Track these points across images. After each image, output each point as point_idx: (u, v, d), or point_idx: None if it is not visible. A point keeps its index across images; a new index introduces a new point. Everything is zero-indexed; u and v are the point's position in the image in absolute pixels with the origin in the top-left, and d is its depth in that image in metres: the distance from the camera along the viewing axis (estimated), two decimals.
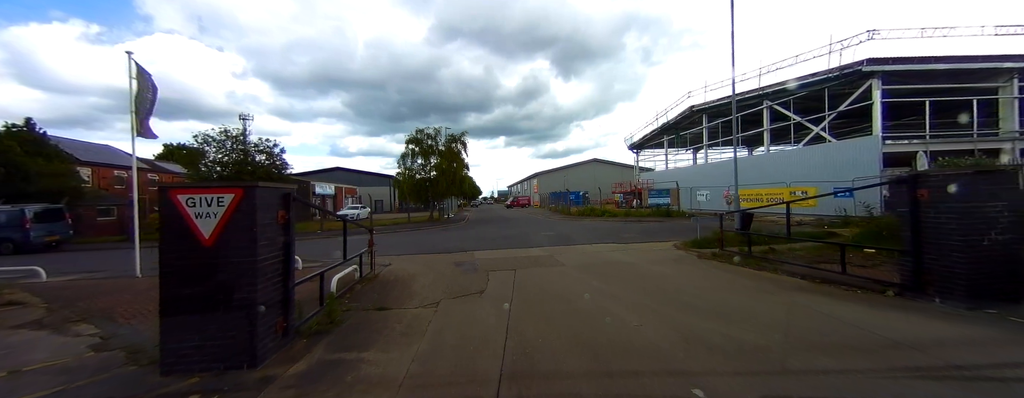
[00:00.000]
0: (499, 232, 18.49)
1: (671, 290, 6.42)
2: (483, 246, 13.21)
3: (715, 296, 5.95)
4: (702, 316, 4.92)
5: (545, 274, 8.03)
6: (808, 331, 4.27)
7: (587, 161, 68.54)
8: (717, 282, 6.96)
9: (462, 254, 11.52)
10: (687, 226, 17.87)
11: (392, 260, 10.71)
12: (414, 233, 19.73)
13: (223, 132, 21.67)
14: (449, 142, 29.83)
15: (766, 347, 3.82)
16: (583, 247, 12.17)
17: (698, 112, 28.14)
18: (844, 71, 17.68)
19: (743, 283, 6.84)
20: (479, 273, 8.36)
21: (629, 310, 5.30)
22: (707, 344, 3.93)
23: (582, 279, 7.40)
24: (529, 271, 8.42)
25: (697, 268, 8.31)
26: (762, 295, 5.98)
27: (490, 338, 4.34)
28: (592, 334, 4.37)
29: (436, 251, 12.49)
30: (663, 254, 10.32)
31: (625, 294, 6.18)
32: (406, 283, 7.62)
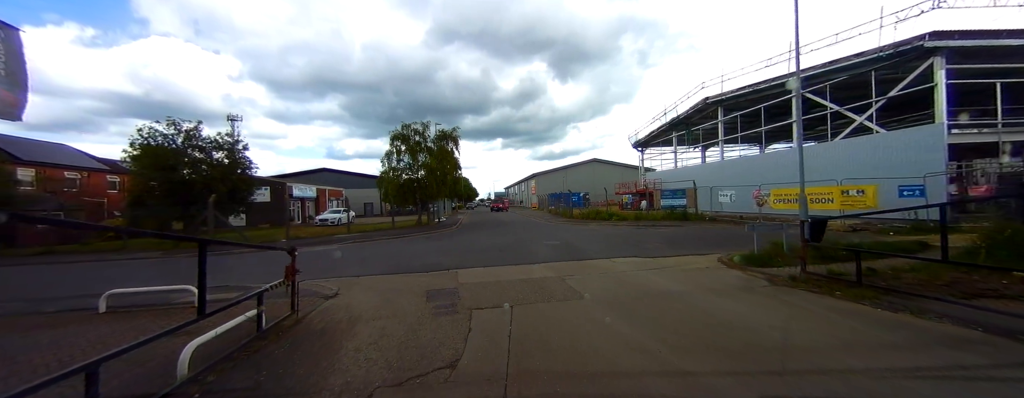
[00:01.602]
0: (493, 240, 15.65)
1: (786, 360, 3.59)
2: (471, 261, 10.37)
3: (878, 379, 3.14)
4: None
5: (557, 317, 5.21)
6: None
7: (587, 161, 65.89)
8: (845, 337, 4.18)
9: (442, 275, 8.67)
10: (715, 232, 15.12)
11: (345, 285, 7.85)
12: (393, 241, 16.86)
13: (172, 124, 18.71)
14: (439, 139, 26.98)
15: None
16: (600, 264, 9.35)
17: (713, 104, 25.49)
18: (900, 48, 15.03)
19: (891, 339, 4.06)
20: (457, 314, 5.53)
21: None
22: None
23: (619, 331, 4.58)
24: (532, 310, 5.60)
25: (787, 305, 5.50)
26: (959, 374, 3.17)
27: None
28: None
29: (410, 269, 9.64)
30: (715, 277, 7.51)
31: (702, 363, 3.36)
32: (338, 339, 4.76)
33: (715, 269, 8.25)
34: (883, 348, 3.90)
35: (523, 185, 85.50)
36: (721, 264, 8.74)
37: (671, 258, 9.82)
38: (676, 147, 32.67)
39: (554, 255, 10.93)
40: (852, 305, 5.32)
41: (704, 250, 10.84)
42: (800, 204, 8.91)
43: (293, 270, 5.60)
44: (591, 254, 10.88)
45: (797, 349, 3.95)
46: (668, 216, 21.07)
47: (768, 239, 9.06)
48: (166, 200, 17.76)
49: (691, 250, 11.00)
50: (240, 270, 10.85)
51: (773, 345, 4.06)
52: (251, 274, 9.81)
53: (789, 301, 5.66)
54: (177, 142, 18.98)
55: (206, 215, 16.47)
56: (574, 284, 7.19)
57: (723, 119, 25.39)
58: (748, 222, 11.88)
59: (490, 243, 14.44)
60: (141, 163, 18.05)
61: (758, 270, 7.78)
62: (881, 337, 4.18)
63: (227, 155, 20.02)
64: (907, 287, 5.85)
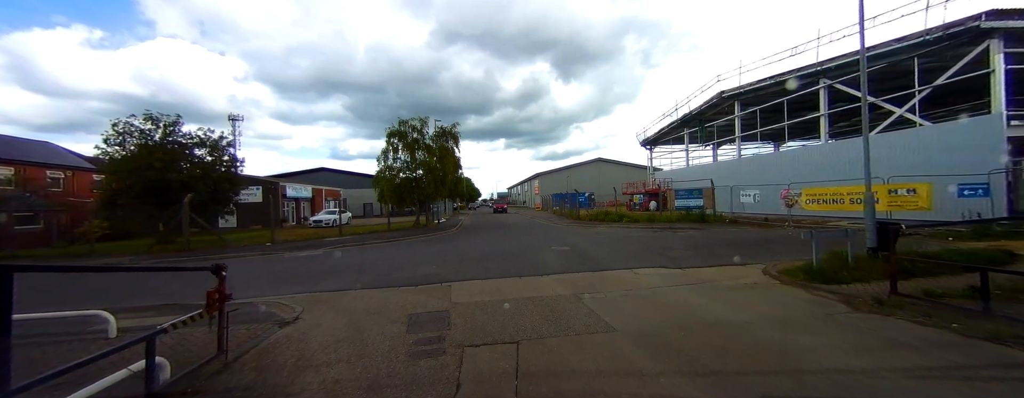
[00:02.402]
0: (495, 245, 14.18)
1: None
2: (469, 271, 8.89)
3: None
4: None
5: (581, 366, 3.73)
6: None
7: (592, 161, 64.33)
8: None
9: (433, 290, 7.19)
10: (742, 236, 13.58)
11: (313, 304, 6.40)
12: (386, 246, 15.42)
13: (149, 119, 17.34)
14: (438, 136, 25.56)
15: None
16: (621, 276, 7.84)
17: (729, 99, 23.91)
18: (951, 30, 13.44)
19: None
20: (444, 356, 4.07)
21: None
22: None
23: (677, 392, 3.08)
24: (545, 350, 4.12)
25: (898, 349, 3.98)
26: None
27: None
28: None
29: (397, 281, 8.18)
30: (775, 299, 5.99)
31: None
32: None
33: (768, 286, 6.72)
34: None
35: (526, 185, 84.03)
36: (771, 279, 7.22)
37: (705, 269, 8.30)
38: (687, 145, 31.06)
39: (565, 264, 9.43)
40: (999, 351, 3.79)
41: (741, 259, 9.32)
42: (866, 205, 7.38)
43: (220, 297, 4.13)
44: (607, 263, 9.38)
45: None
46: (684, 218, 19.52)
47: (826, 248, 7.52)
48: (139, 201, 16.40)
49: (724, 259, 9.47)
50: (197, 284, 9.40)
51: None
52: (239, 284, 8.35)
53: (896, 339, 4.14)
54: (155, 138, 17.64)
55: (181, 217, 15.10)
56: (595, 306, 5.70)
57: (740, 114, 23.79)
58: (784, 225, 10.31)
59: (492, 249, 12.96)
60: (114, 163, 16.74)
61: (824, 288, 6.26)
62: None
63: (209, 152, 18.65)
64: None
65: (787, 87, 20.09)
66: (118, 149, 17.25)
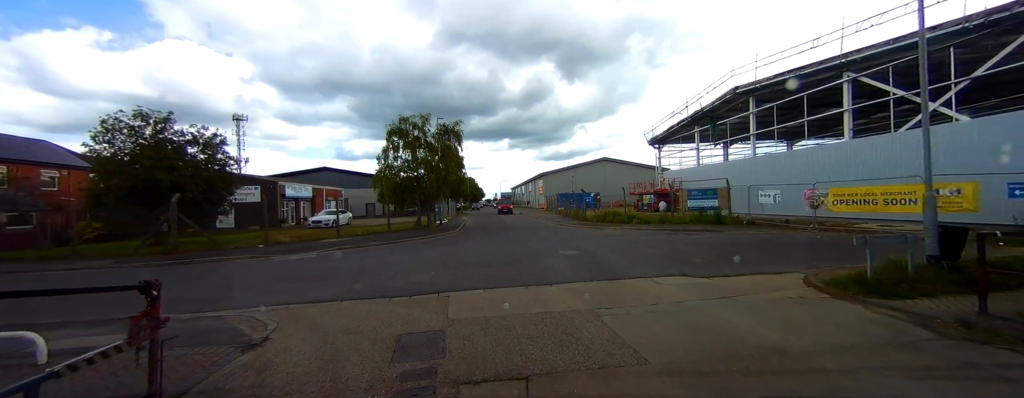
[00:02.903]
0: (498, 248, 13.31)
1: None
2: (470, 279, 8.01)
3: None
4: None
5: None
6: None
7: (597, 160, 63.34)
8: None
9: (428, 302, 6.32)
10: (765, 239, 12.61)
11: (289, 319, 5.54)
12: (383, 248, 14.59)
13: (138, 115, 16.62)
14: (440, 134, 24.70)
15: None
16: (641, 286, 6.92)
17: (744, 94, 22.88)
18: (994, 16, 12.37)
19: None
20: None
21: None
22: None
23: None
24: (563, 387, 3.24)
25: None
26: None
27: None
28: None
29: (389, 290, 7.32)
30: (829, 316, 5.06)
31: None
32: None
33: (816, 301, 5.78)
34: None
35: (530, 185, 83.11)
36: (817, 291, 6.28)
37: (736, 279, 7.37)
38: (698, 143, 30.01)
39: (576, 271, 8.53)
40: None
41: (772, 266, 8.38)
42: (926, 205, 6.40)
43: (151, 323, 3.26)
44: (623, 270, 8.46)
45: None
46: (697, 219, 18.54)
47: (881, 254, 6.55)
48: (127, 201, 15.68)
49: (754, 265, 8.53)
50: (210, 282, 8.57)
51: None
52: (207, 295, 7.52)
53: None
54: (145, 134, 16.93)
55: (169, 217, 14.34)
56: (617, 326, 4.80)
57: (755, 111, 22.74)
58: (808, 228, 9.34)
59: (495, 253, 12.08)
60: (100, 161, 16.06)
61: (886, 304, 5.31)
62: None
63: (202, 150, 17.91)
64: None
65: (807, 81, 19.05)
66: (107, 146, 16.57)
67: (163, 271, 11.20)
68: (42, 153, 28.21)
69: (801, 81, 19.59)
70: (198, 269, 11.41)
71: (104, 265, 12.16)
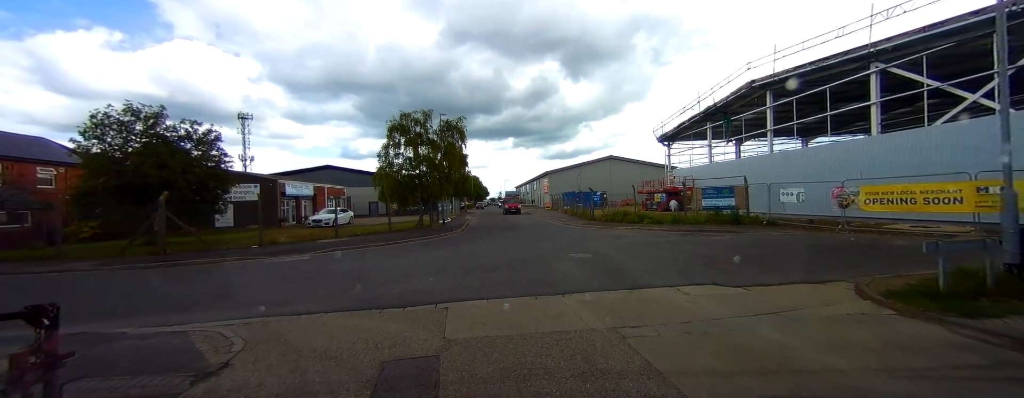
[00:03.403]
0: (503, 250, 12.48)
1: None
2: (472, 286, 7.17)
3: None
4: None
5: None
6: None
7: (603, 158, 62.26)
8: None
9: (423, 315, 5.49)
10: (792, 242, 11.65)
11: (259, 338, 4.74)
12: (381, 250, 13.82)
13: (127, 109, 15.93)
14: (443, 131, 23.87)
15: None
16: (666, 297, 6.04)
17: (760, 88, 21.82)
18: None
19: None
20: None
21: None
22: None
23: None
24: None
25: None
26: None
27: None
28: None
29: (381, 300, 6.50)
30: (909, 341, 4.15)
31: None
32: None
33: (881, 319, 4.87)
34: None
35: (535, 184, 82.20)
36: (876, 305, 5.36)
37: (775, 289, 6.46)
38: (710, 140, 28.92)
39: (589, 278, 7.66)
40: None
41: (812, 273, 7.45)
42: (1006, 205, 5.45)
43: (41, 360, 2.43)
44: (642, 277, 7.58)
45: None
46: (713, 219, 17.57)
47: (953, 262, 5.61)
48: (115, 199, 15.02)
49: (790, 272, 7.61)
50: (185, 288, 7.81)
51: None
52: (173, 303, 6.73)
53: None
54: (135, 130, 16.27)
55: (157, 216, 13.65)
56: (647, 351, 3.93)
57: (772, 105, 21.66)
58: (836, 229, 8.35)
59: (499, 256, 11.23)
60: (87, 158, 15.41)
61: (970, 324, 4.39)
62: None
63: (195, 146, 17.23)
64: None
65: (830, 74, 17.98)
66: (96, 143, 15.92)
67: (144, 274, 10.49)
68: (39, 150, 27.76)
69: (823, 73, 18.54)
70: (181, 272, 10.68)
71: (85, 267, 11.47)
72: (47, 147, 29.32)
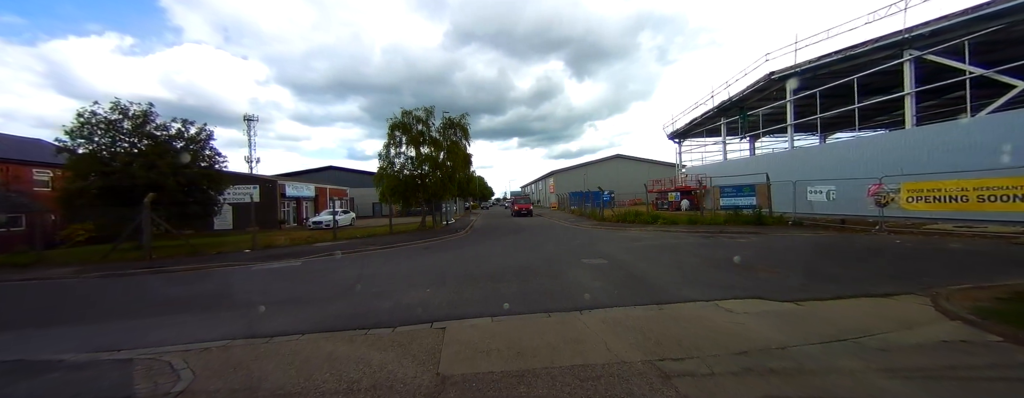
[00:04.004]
0: (509, 255, 11.54)
1: None
2: (473, 300, 6.23)
3: None
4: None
5: None
6: None
7: (610, 157, 61.10)
8: None
9: (412, 339, 4.56)
10: (829, 244, 10.56)
11: (212, 369, 3.80)
12: (378, 255, 12.95)
13: (115, 107, 15.20)
14: (446, 128, 22.96)
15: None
16: (709, 317, 5.04)
17: (780, 80, 20.65)
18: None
19: None
20: None
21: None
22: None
23: None
24: None
25: None
26: None
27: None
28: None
29: (366, 318, 5.59)
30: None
31: None
32: None
33: (989, 347, 3.85)
34: None
35: (540, 183, 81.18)
36: (971, 327, 4.32)
37: (832, 304, 5.44)
38: (725, 137, 27.72)
39: (609, 289, 6.68)
40: None
41: (870, 283, 6.41)
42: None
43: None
44: (670, 288, 6.58)
45: None
46: (733, 219, 16.48)
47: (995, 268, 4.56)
48: (102, 201, 14.31)
49: (845, 283, 6.57)
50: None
51: None
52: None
53: None
54: (123, 129, 15.55)
55: (142, 219, 12.88)
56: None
57: (793, 98, 20.48)
58: (873, 229, 7.32)
59: (505, 261, 10.27)
60: (73, 159, 14.73)
61: None
62: None
63: (186, 146, 16.48)
64: None
65: (858, 63, 16.82)
66: (84, 142, 15.23)
67: (121, 282, 9.69)
68: (37, 152, 27.30)
69: (850, 63, 17.37)
70: (161, 280, 9.86)
71: (61, 274, 10.70)
72: (43, 148, 28.90)
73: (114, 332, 5.65)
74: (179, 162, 15.27)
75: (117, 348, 4.89)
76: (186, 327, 5.70)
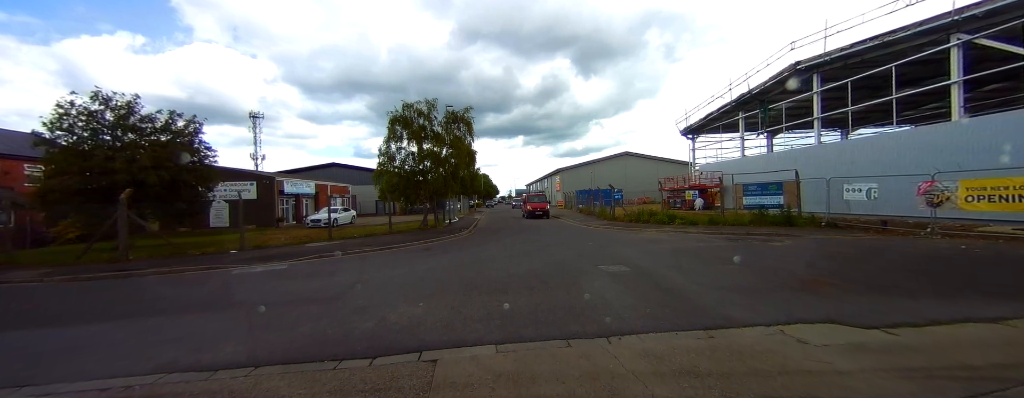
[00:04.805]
0: (516, 261, 10.40)
1: None
2: (473, 319, 5.09)
3: None
4: None
5: None
6: None
7: (618, 155, 59.62)
8: None
9: (394, 379, 3.42)
10: (881, 249, 9.26)
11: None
12: (372, 258, 11.90)
13: (95, 96, 14.22)
14: (448, 122, 21.85)
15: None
16: (782, 354, 3.83)
17: (807, 70, 19.26)
18: None
19: None
20: None
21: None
22: None
23: None
24: None
25: None
26: None
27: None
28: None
29: (339, 346, 4.49)
30: None
31: None
32: None
33: None
34: None
35: (546, 181, 79.83)
36: None
37: (928, 330, 4.23)
38: (743, 132, 26.29)
39: (639, 305, 5.50)
40: None
41: (959, 300, 5.19)
42: None
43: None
44: (714, 306, 5.39)
45: None
46: (758, 220, 15.19)
47: None
48: (79, 197, 13.38)
49: (923, 298, 5.34)
50: None
51: None
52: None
53: None
54: (105, 119, 14.61)
55: (117, 217, 11.91)
56: None
57: (821, 89, 19.07)
58: (924, 232, 5.91)
59: (511, 267, 9.13)
60: (50, 154, 13.82)
61: None
62: None
63: (173, 139, 15.51)
64: None
65: (896, 50, 15.42)
66: (64, 135, 14.30)
67: (77, 289, 8.67)
68: (27, 146, 26.58)
69: (886, 51, 15.98)
70: (124, 287, 8.84)
71: (23, 278, 9.73)
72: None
73: (26, 358, 4.60)
74: (162, 156, 14.28)
75: (33, 381, 3.84)
76: (117, 352, 4.64)
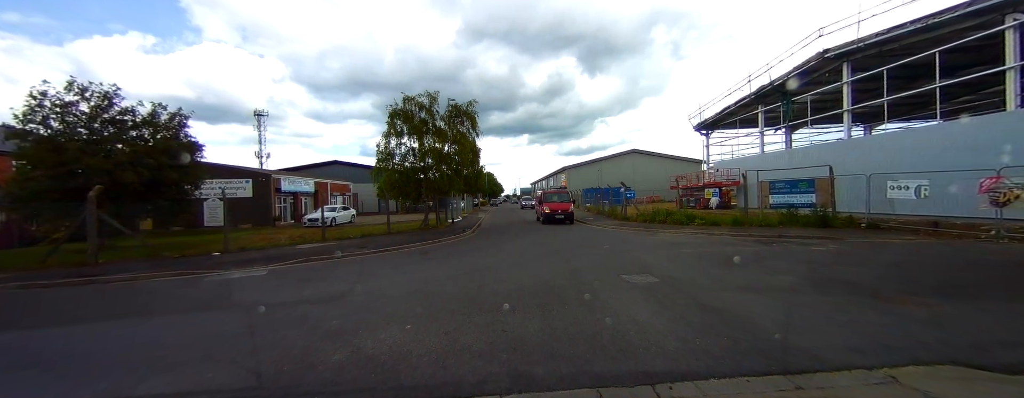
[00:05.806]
0: (524, 268, 9.25)
1: None
2: (472, 353, 3.91)
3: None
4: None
5: None
6: None
7: (626, 152, 58.20)
8: None
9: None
10: (950, 255, 7.94)
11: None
12: (365, 263, 10.80)
13: (70, 86, 13.21)
14: (451, 116, 20.72)
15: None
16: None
17: (836, 59, 17.87)
18: None
19: None
20: None
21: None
22: None
23: None
24: None
25: None
26: None
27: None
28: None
29: (292, 392, 3.31)
30: None
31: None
32: None
33: None
34: None
35: (552, 180, 78.53)
36: None
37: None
38: (762, 127, 24.86)
39: (679, 332, 4.29)
40: None
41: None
42: None
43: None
44: (779, 335, 4.18)
45: None
46: (788, 220, 13.88)
47: None
48: (51, 194, 12.41)
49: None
50: None
51: None
52: None
53: None
54: (80, 111, 13.63)
55: (86, 216, 10.91)
56: None
57: (851, 79, 17.65)
58: (986, 235, 4.68)
59: (518, 276, 7.96)
60: (21, 148, 12.87)
61: None
62: None
63: (155, 132, 14.51)
64: None
65: (939, 34, 14.02)
66: (39, 127, 13.35)
67: (28, 300, 7.65)
68: None
69: (925, 36, 14.61)
70: (80, 296, 7.78)
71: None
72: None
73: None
74: (142, 151, 13.27)
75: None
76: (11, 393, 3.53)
